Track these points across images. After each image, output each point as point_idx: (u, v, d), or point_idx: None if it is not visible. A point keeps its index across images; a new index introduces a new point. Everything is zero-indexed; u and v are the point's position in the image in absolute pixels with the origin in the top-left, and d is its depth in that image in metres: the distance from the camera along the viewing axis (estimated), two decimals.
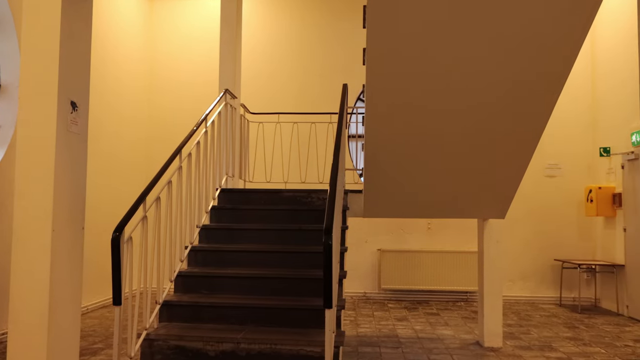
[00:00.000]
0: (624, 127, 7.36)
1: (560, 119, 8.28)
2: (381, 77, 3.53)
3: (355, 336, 5.78)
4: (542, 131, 3.90)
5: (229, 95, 5.79)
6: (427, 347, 5.30)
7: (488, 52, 3.33)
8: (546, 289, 8.26)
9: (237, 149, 6.19)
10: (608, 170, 7.82)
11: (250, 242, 4.79)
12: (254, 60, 8.71)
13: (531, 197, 8.26)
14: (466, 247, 8.25)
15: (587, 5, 3.03)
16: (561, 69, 3.43)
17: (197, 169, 4.60)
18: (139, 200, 3.56)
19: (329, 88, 8.43)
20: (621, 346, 5.47)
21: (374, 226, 8.40)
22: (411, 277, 8.19)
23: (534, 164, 8.22)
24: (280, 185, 7.94)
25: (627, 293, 7.19)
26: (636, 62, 6.92)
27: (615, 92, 7.66)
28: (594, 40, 8.32)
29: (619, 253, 7.47)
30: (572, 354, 5.10)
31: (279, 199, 5.35)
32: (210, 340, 3.56)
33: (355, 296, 8.37)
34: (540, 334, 5.96)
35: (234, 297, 4.11)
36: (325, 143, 8.12)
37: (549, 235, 8.29)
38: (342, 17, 8.66)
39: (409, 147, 4.11)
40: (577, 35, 3.23)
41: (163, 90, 8.80)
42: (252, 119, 8.15)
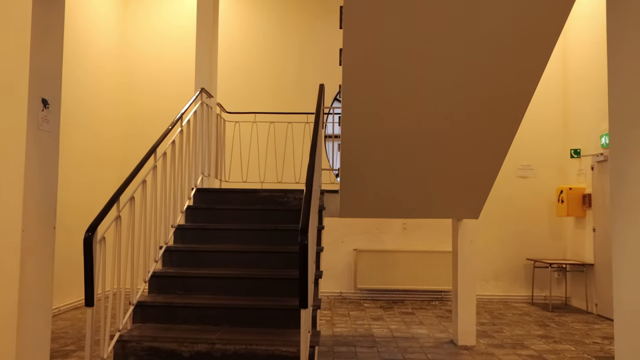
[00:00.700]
0: (593, 130, 7.54)
1: (532, 122, 8.43)
2: (357, 78, 3.55)
3: (331, 336, 5.80)
4: (514, 133, 3.97)
5: (205, 94, 5.74)
6: (402, 346, 5.35)
7: (463, 56, 3.38)
8: (518, 288, 8.41)
9: (213, 149, 6.14)
10: (578, 171, 8.00)
11: (226, 242, 4.77)
12: (230, 60, 8.67)
13: (504, 198, 8.40)
14: (441, 247, 8.34)
15: (558, 13, 3.09)
16: (533, 74, 3.50)
17: (172, 168, 4.55)
18: (113, 199, 3.51)
19: (306, 88, 8.44)
20: (590, 343, 5.60)
21: (350, 226, 8.44)
22: (387, 277, 8.25)
23: (507, 165, 8.36)
24: (257, 185, 7.91)
25: (596, 292, 7.37)
26: (605, 68, 7.10)
27: (585, 96, 7.84)
28: (565, 47, 8.50)
29: (589, 252, 7.64)
30: (543, 352, 5.21)
31: (255, 198, 5.33)
32: (185, 341, 3.53)
33: (331, 296, 8.39)
34: (512, 332, 6.06)
35: (209, 297, 4.08)
36: (302, 143, 8.12)
37: (521, 235, 8.44)
38: (319, 17, 8.67)
39: (385, 147, 4.14)
40: (548, 41, 3.30)
41: (139, 87, 8.69)
42: (229, 118, 8.11)
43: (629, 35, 3.01)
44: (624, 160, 3.08)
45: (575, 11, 8.17)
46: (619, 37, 3.13)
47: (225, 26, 8.68)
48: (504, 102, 3.72)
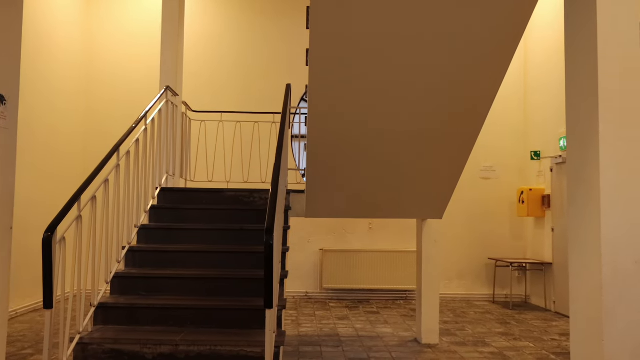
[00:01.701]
0: (553, 133, 7.77)
1: (495, 125, 8.62)
2: (323, 78, 3.57)
3: (296, 336, 5.80)
4: (477, 135, 4.06)
5: (170, 93, 5.67)
6: (367, 345, 5.39)
7: (428, 58, 3.44)
8: (481, 287, 8.59)
9: (178, 148, 6.06)
10: (538, 173, 8.23)
11: (191, 242, 4.71)
12: (196, 58, 8.57)
13: (467, 199, 8.56)
14: (406, 246, 8.45)
15: (518, 18, 3.18)
16: (495, 77, 3.59)
17: (135, 167, 4.47)
18: (73, 199, 3.43)
19: (273, 87, 8.41)
20: (548, 340, 5.77)
21: (317, 226, 8.46)
22: (353, 277, 8.30)
23: (470, 167, 8.52)
24: (223, 184, 7.85)
25: (554, 290, 7.60)
26: (564, 73, 7.33)
27: (545, 100, 8.07)
28: (526, 53, 8.74)
29: (548, 252, 7.87)
30: (504, 349, 5.34)
31: (221, 198, 5.29)
32: (148, 342, 3.47)
33: (297, 296, 8.39)
34: (474, 330, 6.19)
35: (173, 298, 4.03)
36: (269, 143, 8.09)
37: (483, 235, 8.63)
38: (286, 16, 8.66)
39: (351, 148, 4.17)
40: (509, 45, 3.38)
41: (102, 83, 8.51)
42: (194, 117, 8.01)
43: (585, 44, 3.12)
44: (580, 162, 3.19)
45: (536, 19, 8.40)
46: (575, 45, 3.24)
47: (191, 24, 8.58)
48: (468, 104, 3.80)
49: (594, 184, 3.04)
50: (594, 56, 3.03)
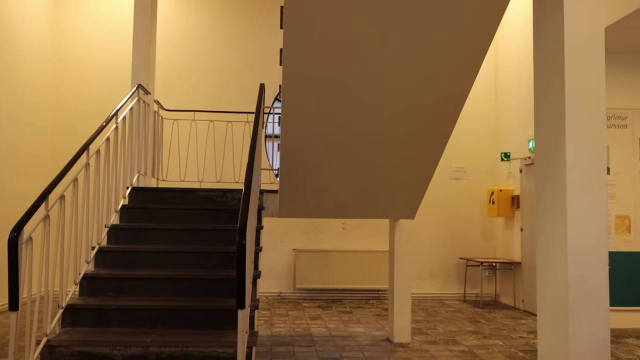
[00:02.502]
0: (522, 135, 7.93)
1: (466, 127, 8.74)
2: (297, 78, 3.57)
3: (269, 336, 5.79)
4: (448, 136, 4.12)
5: (141, 91, 5.59)
6: (339, 345, 5.42)
7: (401, 59, 3.47)
8: (452, 286, 8.71)
9: (150, 147, 5.99)
10: (508, 174, 8.39)
11: (163, 242, 4.66)
12: (169, 56, 8.47)
13: (439, 199, 8.67)
14: (378, 246, 8.51)
15: (488, 21, 3.24)
16: (466, 79, 3.65)
17: (106, 166, 4.40)
18: (41, 198, 3.36)
19: (246, 87, 8.38)
20: (517, 338, 5.89)
21: (290, 226, 8.45)
22: (326, 277, 8.32)
23: (442, 168, 8.62)
24: (195, 184, 7.77)
25: (523, 288, 7.75)
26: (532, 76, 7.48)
27: (514, 102, 8.23)
28: (497, 57, 8.90)
29: (517, 251, 8.03)
30: (474, 347, 5.42)
31: (193, 198, 5.24)
32: (118, 344, 3.42)
33: (270, 296, 8.37)
34: (445, 329, 6.27)
35: (144, 299, 3.98)
36: (242, 142, 8.05)
37: (455, 235, 8.75)
38: (259, 16, 8.63)
39: (324, 148, 4.19)
40: (480, 48, 3.44)
41: (72, 78, 8.34)
42: (167, 115, 7.92)
43: (552, 50, 3.20)
44: (548, 163, 3.26)
45: (506, 24, 8.56)
46: (543, 50, 3.32)
47: (163, 21, 8.48)
48: (439, 106, 3.85)
49: (560, 185, 3.11)
50: (560, 61, 3.11)
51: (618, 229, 6.50)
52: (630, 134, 6.60)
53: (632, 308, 6.43)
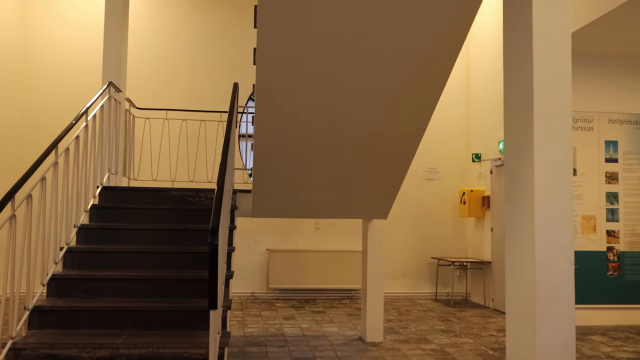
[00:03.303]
0: (492, 136, 8.07)
1: (439, 128, 8.85)
2: (271, 77, 3.57)
3: (242, 336, 5.77)
4: (420, 137, 4.17)
5: (113, 89, 5.50)
6: (312, 345, 5.43)
7: (374, 60, 3.50)
8: (424, 286, 8.81)
9: (121, 145, 5.90)
10: (479, 174, 8.53)
11: (134, 242, 4.59)
12: (141, 53, 8.35)
13: (412, 199, 8.76)
14: (352, 246, 8.54)
15: (460, 24, 3.29)
16: (439, 81, 3.70)
17: (75, 165, 4.32)
18: (7, 197, 3.28)
19: (220, 86, 8.32)
20: (486, 336, 6.00)
21: (263, 226, 8.43)
22: (299, 276, 8.33)
23: (415, 169, 8.70)
24: (167, 183, 7.68)
25: (493, 287, 7.89)
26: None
27: (486, 104, 8.38)
28: (468, 61, 9.04)
29: (487, 251, 8.17)
30: (445, 345, 5.50)
31: (165, 197, 5.18)
32: (86, 346, 3.36)
33: (243, 296, 8.34)
34: (417, 328, 6.35)
35: (114, 300, 3.92)
36: (215, 142, 7.99)
37: (427, 235, 8.85)
38: (234, 14, 8.59)
39: (297, 148, 4.19)
40: (452, 49, 3.49)
41: (40, 74, 8.13)
42: (139, 114, 7.80)
43: (521, 54, 3.27)
44: (516, 165, 3.33)
45: (477, 29, 8.69)
46: (512, 54, 3.39)
47: (135, 17, 8.36)
48: (412, 107, 3.89)
49: (528, 186, 3.18)
50: (529, 65, 3.18)
51: (584, 229, 6.67)
52: (596, 137, 6.79)
53: (597, 306, 6.61)
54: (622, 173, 6.79)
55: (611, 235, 6.71)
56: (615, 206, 6.74)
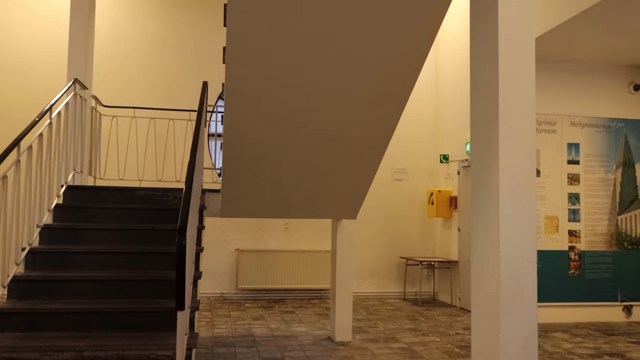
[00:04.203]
0: (460, 137, 8.21)
1: (408, 129, 8.94)
2: (240, 76, 3.56)
3: (210, 337, 5.72)
4: (389, 138, 4.21)
5: (78, 86, 5.38)
6: (281, 345, 5.42)
7: (342, 61, 3.52)
8: (392, 285, 8.90)
9: (87, 144, 5.78)
10: (447, 175, 8.66)
11: (99, 242, 4.51)
12: (108, 50, 8.20)
13: (381, 200, 8.84)
14: (321, 246, 8.57)
15: (429, 26, 3.34)
16: (407, 83, 3.75)
17: (38, 163, 4.21)
18: None
19: (189, 84, 8.23)
20: (453, 334, 6.10)
21: (233, 226, 8.37)
22: (268, 277, 8.30)
23: (384, 169, 8.77)
24: (135, 183, 7.56)
25: (460, 286, 8.03)
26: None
27: (453, 105, 8.51)
28: (437, 63, 9.18)
29: (454, 250, 8.30)
30: (412, 344, 5.57)
31: (133, 197, 5.10)
32: (49, 349, 3.28)
33: (212, 297, 8.27)
34: (385, 327, 6.41)
35: (79, 301, 3.84)
36: (184, 141, 7.90)
37: (395, 235, 8.95)
38: (205, 11, 8.51)
39: (267, 148, 4.19)
40: (420, 52, 3.54)
41: (4, 67, 7.89)
42: (105, 112, 7.66)
43: (487, 58, 3.34)
44: (482, 166, 3.40)
45: (446, 34, 8.83)
46: (479, 59, 3.46)
47: (102, 13, 8.20)
48: (381, 108, 3.93)
49: (493, 187, 3.25)
50: (494, 69, 3.25)
51: (547, 229, 6.85)
52: (559, 139, 6.98)
53: (559, 304, 6.80)
54: (584, 175, 7.00)
55: (573, 235, 6.91)
56: (577, 207, 6.94)
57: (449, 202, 8.41)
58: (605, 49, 6.46)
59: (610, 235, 6.98)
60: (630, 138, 7.12)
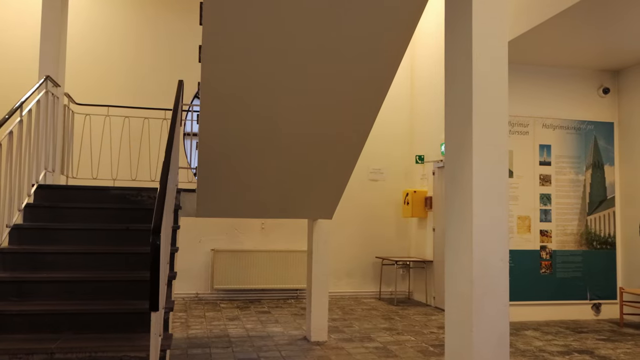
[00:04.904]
0: (435, 138, 8.30)
1: (384, 130, 9.01)
2: (216, 75, 3.54)
3: (185, 338, 5.67)
4: (366, 138, 4.24)
5: (50, 83, 5.28)
6: (257, 345, 5.41)
7: (319, 61, 3.53)
8: (368, 285, 8.95)
9: (59, 142, 5.67)
10: (422, 176, 8.75)
11: (72, 243, 4.43)
12: (81, 47, 8.06)
13: (357, 200, 8.88)
14: (297, 246, 8.57)
15: (404, 29, 3.38)
16: (383, 83, 3.78)
17: (8, 162, 4.12)
18: None
19: (165, 83, 8.15)
20: (428, 333, 6.16)
21: (208, 226, 8.32)
22: (244, 277, 8.27)
23: (360, 169, 8.82)
24: (108, 182, 7.45)
25: (434, 286, 8.12)
26: None
27: (429, 106, 8.60)
28: (413, 66, 9.26)
29: (429, 250, 8.39)
30: (387, 343, 5.61)
31: (106, 197, 5.03)
32: (18, 352, 3.21)
33: (187, 297, 8.20)
34: (361, 326, 6.44)
35: (50, 303, 3.77)
36: (159, 140, 7.82)
37: (371, 235, 9.00)
38: (180, 10, 8.43)
39: (243, 147, 4.17)
40: (394, 55, 3.58)
41: None
42: (78, 110, 7.53)
43: (461, 60, 3.39)
44: (456, 167, 3.45)
45: (421, 36, 8.92)
46: (453, 61, 3.50)
47: (75, 8, 8.05)
48: (356, 109, 3.96)
49: (466, 187, 3.30)
50: (468, 72, 3.30)
51: (519, 229, 6.98)
52: (531, 140, 7.11)
53: (531, 302, 6.93)
54: (555, 176, 7.14)
55: (544, 235, 7.05)
56: (548, 207, 7.09)
57: (424, 202, 8.50)
58: (575, 53, 6.62)
59: (580, 235, 7.15)
60: (600, 140, 7.30)
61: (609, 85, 7.34)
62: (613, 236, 7.23)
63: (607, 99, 7.37)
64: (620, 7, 5.16)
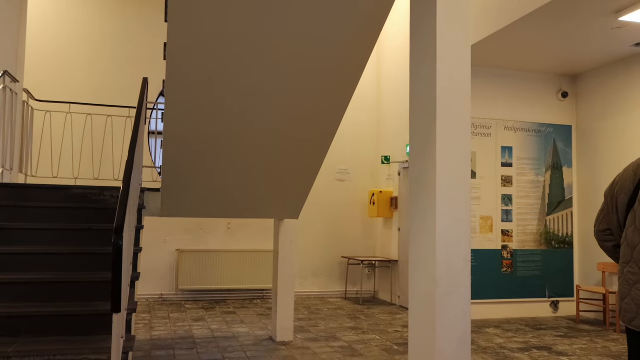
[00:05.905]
0: (401, 139, 8.40)
1: (350, 131, 9.08)
2: (181, 74, 3.50)
3: (149, 340, 5.59)
4: (332, 138, 4.26)
5: (8, 78, 5.12)
6: (222, 346, 5.37)
7: (284, 60, 3.54)
8: (334, 284, 8.99)
9: (18, 140, 5.50)
10: (388, 176, 8.84)
11: (31, 243, 4.30)
12: (42, 42, 7.84)
13: (323, 200, 8.91)
14: (264, 246, 8.55)
15: (374, 23, 3.41)
16: (349, 84, 3.81)
17: None
18: None
19: (129, 81, 8.00)
20: (392, 332, 6.24)
21: (173, 226, 8.21)
22: (210, 277, 8.20)
23: (327, 170, 8.86)
24: (70, 181, 7.27)
25: (399, 285, 8.22)
26: None
27: (395, 109, 8.70)
28: (379, 68, 9.35)
29: (394, 250, 8.49)
30: (353, 342, 5.65)
31: (67, 196, 4.90)
32: None
33: (151, 298, 8.07)
34: (327, 326, 6.47)
35: (6, 305, 3.65)
36: (123, 138, 7.67)
37: (337, 235, 9.05)
38: (144, 6, 8.30)
39: (208, 146, 4.14)
40: (360, 57, 3.61)
41: None
42: (38, 106, 7.32)
43: (426, 64, 3.45)
44: (420, 168, 3.51)
45: (386, 40, 9.01)
46: (418, 64, 3.56)
47: (36, 5, 7.83)
48: (323, 108, 3.97)
49: (430, 188, 3.36)
50: (433, 74, 3.35)
51: (482, 229, 7.13)
52: (494, 142, 7.28)
53: (492, 300, 7.09)
54: (516, 177, 7.33)
55: (506, 235, 7.22)
56: (510, 207, 7.27)
57: (389, 202, 8.59)
58: (536, 58, 6.81)
59: (540, 234, 7.35)
60: (559, 142, 7.53)
61: (568, 90, 7.58)
62: (571, 236, 7.46)
63: (566, 103, 7.60)
64: (578, 15, 5.34)
